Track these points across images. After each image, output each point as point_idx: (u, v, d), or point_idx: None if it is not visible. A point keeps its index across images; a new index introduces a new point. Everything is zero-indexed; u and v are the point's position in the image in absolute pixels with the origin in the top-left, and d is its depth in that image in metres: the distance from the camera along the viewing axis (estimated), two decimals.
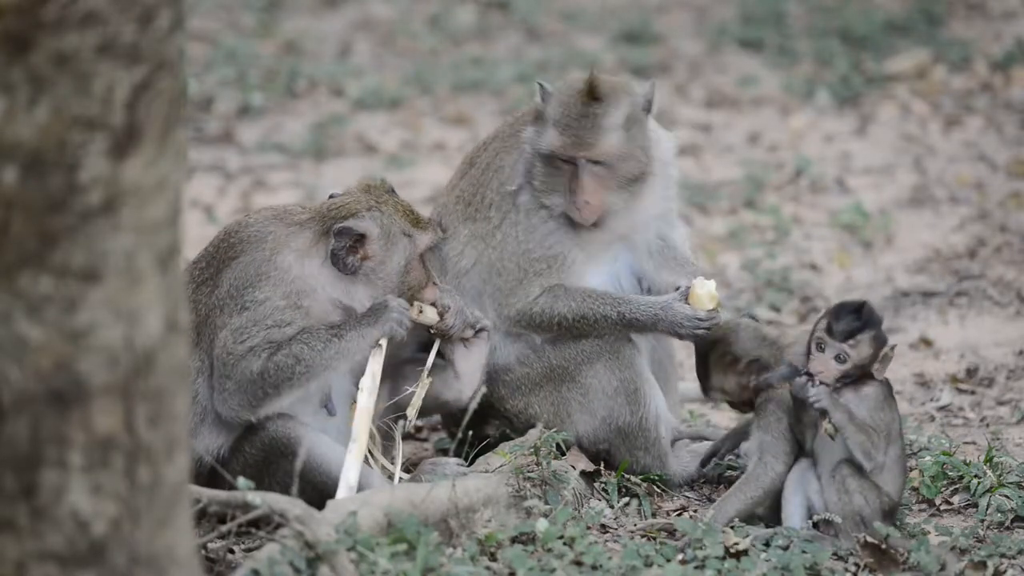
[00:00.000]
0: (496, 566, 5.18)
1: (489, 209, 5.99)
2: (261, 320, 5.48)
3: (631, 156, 5.84)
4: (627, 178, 5.86)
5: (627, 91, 5.90)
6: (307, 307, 5.53)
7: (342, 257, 5.54)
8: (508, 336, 6.00)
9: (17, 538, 3.83)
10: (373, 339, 5.50)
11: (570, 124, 5.83)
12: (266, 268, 5.53)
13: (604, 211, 5.87)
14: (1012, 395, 7.02)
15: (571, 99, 5.86)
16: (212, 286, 5.56)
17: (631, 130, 5.85)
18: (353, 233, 5.53)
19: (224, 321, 5.50)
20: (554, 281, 5.92)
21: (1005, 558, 5.40)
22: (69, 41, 3.73)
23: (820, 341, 5.48)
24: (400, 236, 5.61)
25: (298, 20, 13.80)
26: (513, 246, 5.95)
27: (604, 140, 5.81)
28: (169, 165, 3.89)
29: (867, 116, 11.38)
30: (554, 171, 5.89)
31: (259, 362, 5.45)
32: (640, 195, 5.92)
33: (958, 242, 8.98)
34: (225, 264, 5.57)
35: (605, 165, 5.82)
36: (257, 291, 5.51)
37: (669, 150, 6.09)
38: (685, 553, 5.36)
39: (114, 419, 3.85)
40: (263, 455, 5.52)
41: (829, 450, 5.54)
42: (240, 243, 5.61)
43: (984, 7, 13.59)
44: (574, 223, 5.90)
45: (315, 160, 10.72)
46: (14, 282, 3.77)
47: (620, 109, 5.85)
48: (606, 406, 5.96)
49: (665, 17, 13.92)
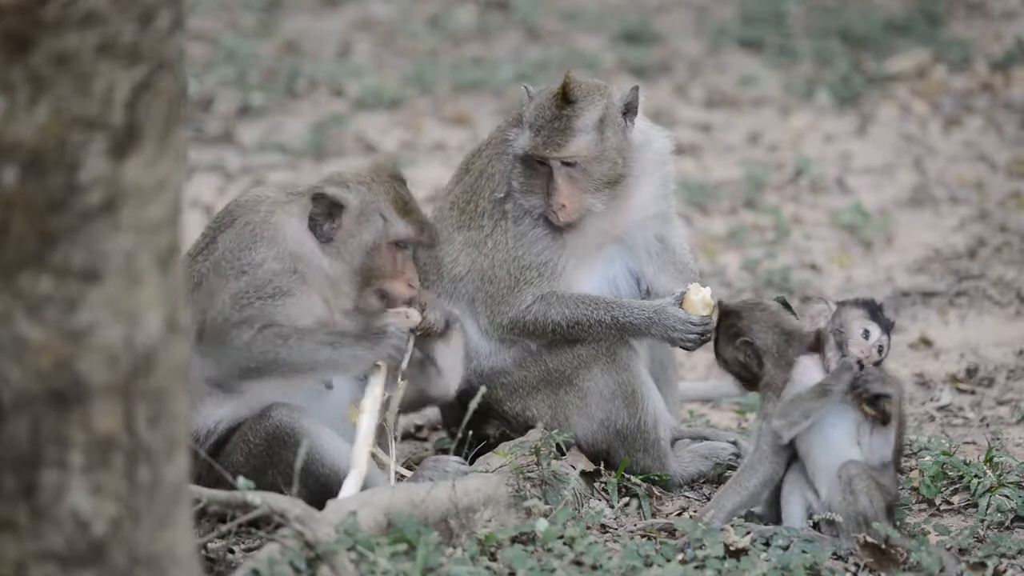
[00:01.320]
0: (496, 566, 5.18)
1: (482, 217, 6.01)
2: (260, 287, 5.48)
3: (605, 158, 5.85)
4: (603, 180, 5.86)
5: (603, 94, 5.91)
6: (303, 272, 5.52)
7: (319, 223, 5.55)
8: (503, 342, 6.00)
9: (17, 538, 3.83)
10: (367, 362, 5.50)
11: (543, 126, 5.86)
12: (261, 229, 5.54)
13: (581, 213, 5.87)
14: (1012, 395, 7.02)
15: (547, 101, 5.89)
16: (208, 252, 5.57)
17: (604, 132, 5.86)
18: (328, 200, 5.54)
19: (222, 285, 5.50)
20: (546, 288, 5.92)
21: (1005, 558, 5.40)
22: (69, 41, 3.73)
23: (867, 330, 5.51)
24: (375, 215, 5.59)
25: (298, 20, 13.80)
26: (503, 254, 5.96)
27: (574, 141, 5.83)
28: (169, 165, 3.89)
29: (867, 116, 11.38)
30: (533, 173, 5.91)
31: (250, 332, 5.44)
32: (624, 196, 5.93)
33: (958, 242, 8.98)
34: (221, 230, 5.59)
35: (578, 167, 5.84)
36: (254, 252, 5.52)
37: (664, 150, 6.09)
38: (685, 553, 5.36)
39: (114, 419, 3.85)
40: (266, 444, 5.51)
41: (822, 450, 5.53)
42: (236, 209, 5.64)
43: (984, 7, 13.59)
44: (565, 233, 5.91)
45: (315, 160, 10.71)
46: (14, 282, 3.77)
47: (593, 111, 5.86)
48: (604, 409, 5.96)
49: (665, 17, 13.92)
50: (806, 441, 5.56)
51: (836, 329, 5.57)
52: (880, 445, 5.51)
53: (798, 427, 5.51)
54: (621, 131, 5.90)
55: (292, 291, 5.51)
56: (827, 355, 5.57)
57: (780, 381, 5.61)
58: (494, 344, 5.99)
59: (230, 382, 5.52)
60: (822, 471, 5.54)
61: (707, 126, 11.33)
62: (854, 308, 5.59)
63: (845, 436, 5.51)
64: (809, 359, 5.59)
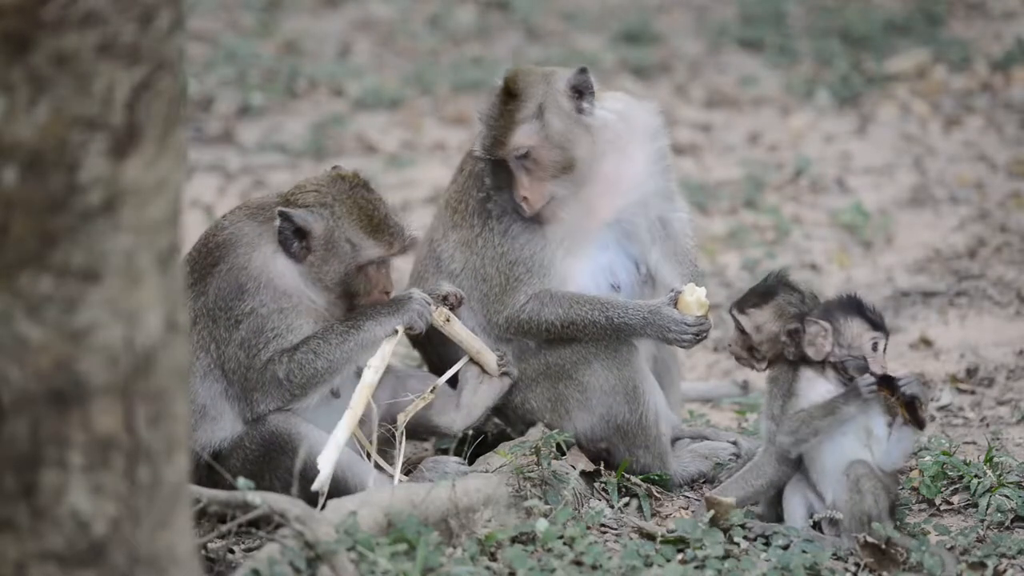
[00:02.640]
0: (496, 566, 5.18)
1: (472, 216, 6.02)
2: (260, 331, 5.50)
3: (552, 144, 5.86)
4: (557, 166, 5.87)
5: (545, 80, 5.92)
6: (295, 303, 5.54)
7: (287, 241, 5.54)
8: (501, 339, 6.00)
9: (17, 538, 3.83)
10: (391, 327, 5.53)
11: (490, 124, 5.90)
12: (243, 278, 5.54)
13: (546, 201, 5.87)
14: (1012, 395, 7.02)
15: (493, 99, 5.93)
16: (199, 292, 5.57)
17: (545, 119, 5.87)
18: (293, 224, 5.53)
19: (224, 336, 5.53)
20: (538, 286, 5.92)
21: (1005, 558, 5.40)
22: (69, 41, 3.73)
23: (875, 342, 5.52)
24: (343, 243, 5.56)
25: (298, 20, 13.80)
26: (492, 251, 5.97)
27: (515, 134, 5.85)
28: (169, 165, 3.89)
29: (867, 116, 11.38)
30: (499, 170, 5.95)
31: (282, 368, 5.48)
32: (593, 179, 5.89)
33: (958, 242, 8.98)
34: (207, 271, 5.58)
35: (530, 158, 5.85)
36: (243, 303, 5.53)
37: (649, 124, 6.06)
38: (685, 553, 5.36)
39: (114, 419, 3.85)
40: (263, 451, 5.52)
41: (831, 455, 5.52)
42: (217, 248, 5.61)
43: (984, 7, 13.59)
44: (547, 224, 5.91)
45: (315, 160, 10.71)
46: (14, 282, 3.77)
47: (533, 100, 5.88)
48: (604, 404, 5.96)
49: (665, 17, 13.93)
50: (815, 447, 5.55)
51: (847, 354, 5.53)
52: (901, 450, 5.50)
53: (806, 444, 5.51)
54: (567, 115, 5.90)
55: (295, 320, 5.53)
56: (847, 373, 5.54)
57: (785, 381, 5.59)
58: (492, 339, 5.99)
59: (288, 409, 5.55)
60: (829, 474, 5.52)
61: (707, 126, 11.33)
62: (852, 321, 5.53)
63: (856, 442, 5.50)
64: (811, 371, 5.57)
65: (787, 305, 5.63)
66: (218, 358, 5.54)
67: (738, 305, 5.69)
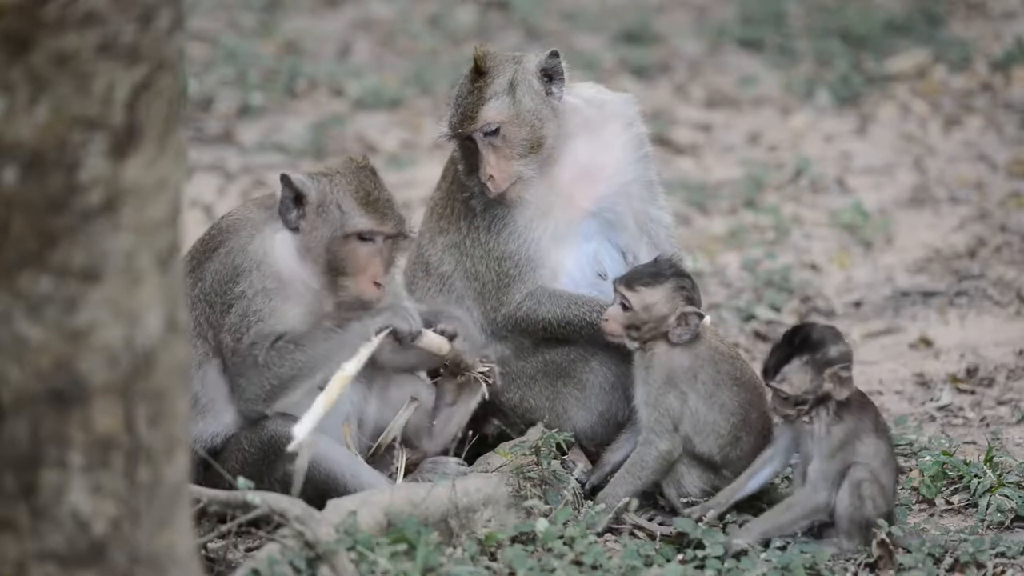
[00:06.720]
0: (496, 566, 5.19)
1: (458, 220, 6.03)
2: (245, 314, 5.49)
3: (522, 121, 5.87)
4: (525, 144, 5.87)
5: (515, 60, 5.97)
6: (284, 285, 5.53)
7: (287, 211, 5.55)
8: (497, 337, 6.00)
9: (17, 538, 3.83)
10: (375, 327, 5.50)
11: (459, 103, 5.94)
12: (239, 259, 5.54)
13: (512, 182, 5.87)
14: (1012, 395, 7.02)
15: (463, 80, 6.00)
16: (196, 279, 5.58)
17: (516, 95, 5.89)
18: (292, 185, 5.54)
19: (219, 321, 5.53)
20: (531, 281, 5.91)
21: (1005, 558, 5.41)
22: (69, 41, 3.73)
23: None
24: (333, 208, 5.56)
25: (298, 20, 13.80)
26: (481, 251, 5.97)
27: (485, 109, 5.88)
28: (169, 165, 3.89)
29: (867, 116, 11.38)
30: (468, 153, 5.96)
31: (263, 353, 5.47)
32: (560, 162, 5.90)
33: (958, 242, 8.98)
34: (207, 256, 5.60)
35: (499, 135, 5.86)
36: (236, 286, 5.53)
37: (624, 112, 6.06)
38: (685, 553, 5.36)
39: (114, 419, 3.85)
40: (261, 454, 5.52)
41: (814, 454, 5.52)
42: (220, 233, 5.65)
43: (984, 7, 13.59)
44: (529, 215, 5.90)
45: (315, 160, 10.71)
46: (14, 282, 3.77)
47: (503, 77, 5.92)
48: (604, 401, 5.96)
49: (665, 17, 13.92)
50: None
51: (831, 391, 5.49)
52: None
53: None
54: (537, 94, 5.91)
55: (280, 305, 5.52)
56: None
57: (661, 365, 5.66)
58: (489, 336, 5.99)
59: (260, 409, 5.52)
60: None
61: (707, 126, 11.33)
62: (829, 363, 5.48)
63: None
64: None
65: (680, 289, 5.64)
66: (215, 345, 5.54)
67: (626, 282, 5.67)
